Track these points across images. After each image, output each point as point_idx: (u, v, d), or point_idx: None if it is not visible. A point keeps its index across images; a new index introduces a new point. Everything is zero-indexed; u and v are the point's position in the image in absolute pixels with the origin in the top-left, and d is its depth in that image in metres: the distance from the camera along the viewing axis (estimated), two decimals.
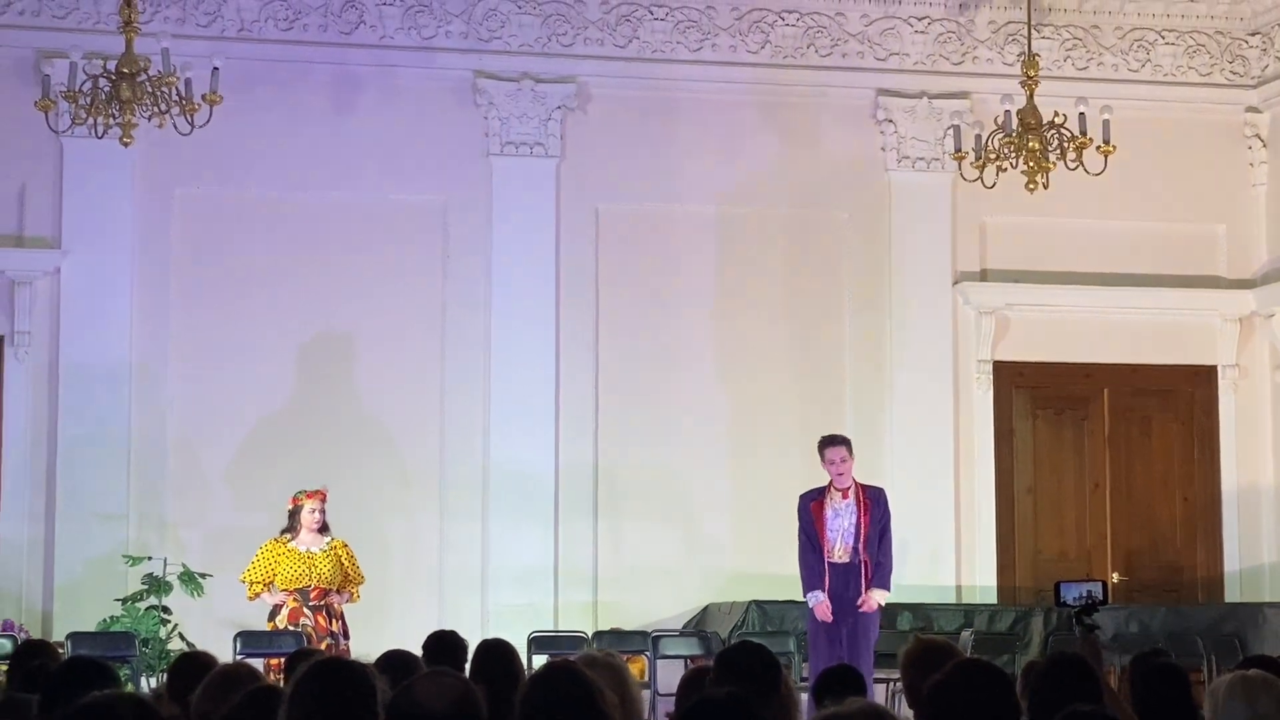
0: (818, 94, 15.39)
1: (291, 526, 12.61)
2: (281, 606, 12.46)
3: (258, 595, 12.56)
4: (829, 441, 12.32)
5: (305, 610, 12.42)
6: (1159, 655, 7.37)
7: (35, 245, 14.37)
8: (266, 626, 12.51)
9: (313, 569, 12.46)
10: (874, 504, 12.18)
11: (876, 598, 12.09)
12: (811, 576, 12.10)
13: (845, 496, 12.15)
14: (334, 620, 12.49)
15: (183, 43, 13.21)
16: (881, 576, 12.09)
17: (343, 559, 12.57)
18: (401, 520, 14.68)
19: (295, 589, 12.44)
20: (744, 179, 15.27)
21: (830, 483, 12.25)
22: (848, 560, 12.08)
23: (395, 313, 14.79)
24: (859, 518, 12.10)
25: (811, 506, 12.21)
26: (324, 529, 12.60)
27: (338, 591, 12.54)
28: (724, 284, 15.22)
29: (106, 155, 13.71)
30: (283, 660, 11.63)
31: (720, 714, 4.87)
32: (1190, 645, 13.39)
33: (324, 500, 12.63)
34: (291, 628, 12.31)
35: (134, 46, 12.17)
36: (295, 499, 12.68)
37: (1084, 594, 9.97)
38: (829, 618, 11.98)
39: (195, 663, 6.65)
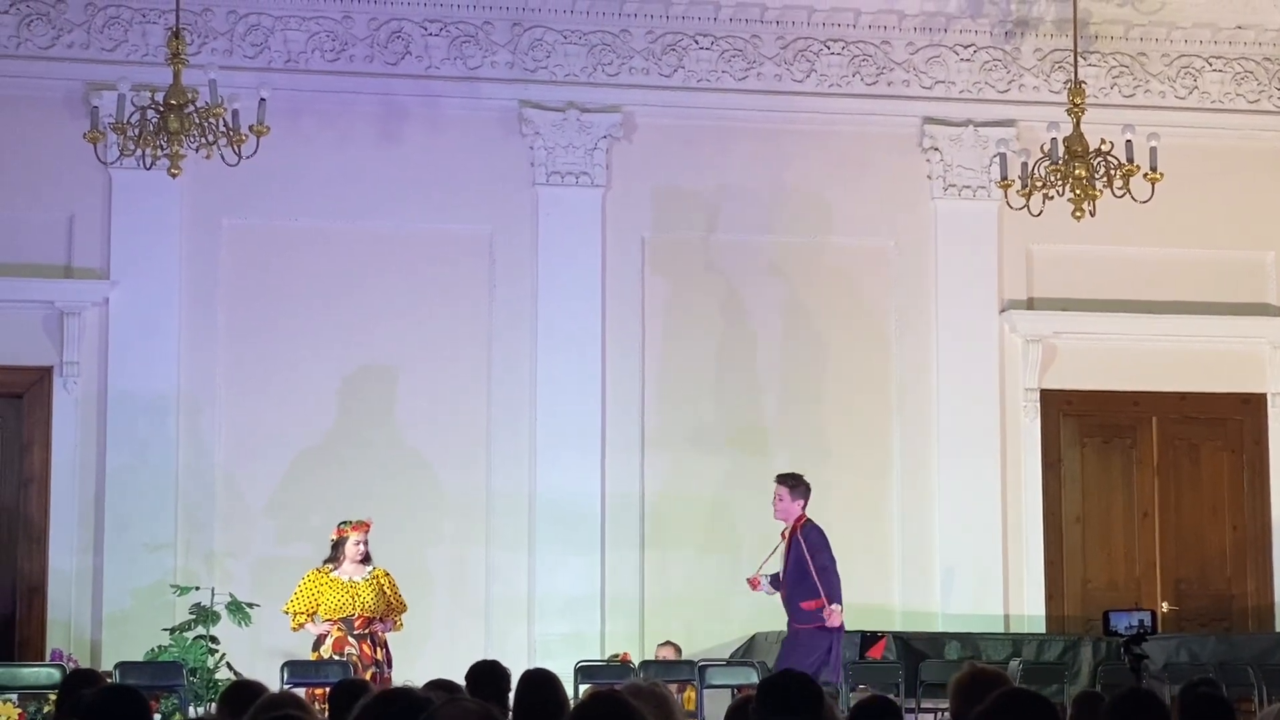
0: (863, 122, 15.38)
1: (334, 557, 12.64)
2: (326, 636, 12.47)
3: (301, 626, 12.58)
4: (776, 480, 12.92)
5: (350, 639, 12.43)
6: (1206, 685, 7.34)
7: (84, 276, 14.45)
8: (311, 656, 12.52)
9: (356, 598, 12.48)
10: (795, 544, 12.63)
11: (838, 612, 12.46)
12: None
13: (783, 537, 12.74)
14: (378, 649, 12.50)
15: (230, 74, 13.28)
16: (831, 595, 12.46)
17: (385, 587, 12.58)
18: (448, 549, 14.69)
19: (339, 618, 12.46)
20: (789, 207, 15.26)
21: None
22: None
23: (441, 342, 14.82)
24: (783, 559, 12.68)
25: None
26: (366, 559, 12.62)
27: (381, 620, 12.55)
28: (770, 312, 15.21)
29: (154, 186, 13.79)
30: (327, 690, 11.70)
31: None
32: (1240, 675, 13.31)
33: (367, 531, 12.66)
34: (337, 657, 12.32)
35: (182, 78, 12.25)
36: (340, 530, 12.71)
37: (1136, 623, 9.90)
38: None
39: (245, 691, 6.69)
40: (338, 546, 12.64)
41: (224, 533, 14.43)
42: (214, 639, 13.24)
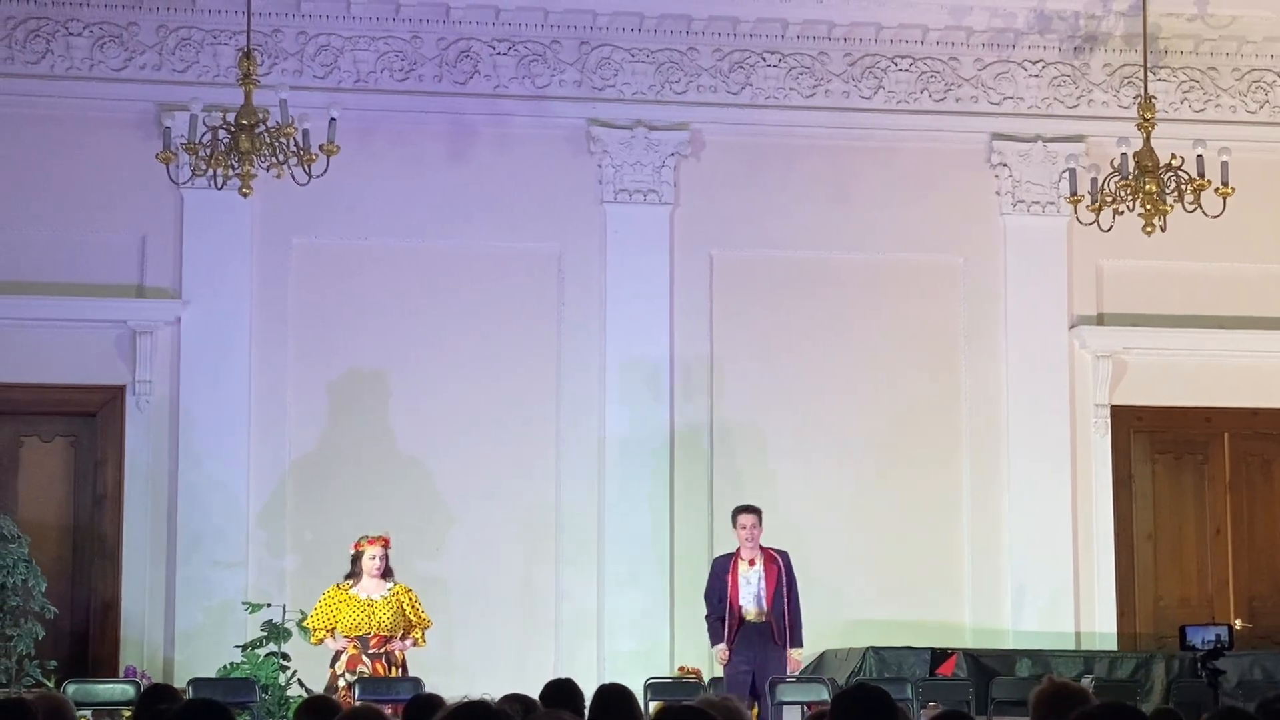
0: (931, 139, 15.36)
1: (354, 572, 12.63)
2: (342, 653, 12.49)
3: (321, 641, 12.59)
4: (742, 509, 13.18)
5: (364, 658, 12.42)
6: None
7: (156, 296, 14.55)
8: (327, 673, 12.53)
9: (372, 617, 12.46)
10: (777, 567, 12.99)
11: (797, 656, 12.97)
12: (715, 634, 13.04)
13: (752, 564, 12.99)
14: (394, 667, 12.47)
15: (300, 94, 13.37)
16: (796, 637, 12.92)
17: (404, 605, 12.54)
18: (519, 566, 14.71)
19: (355, 636, 12.45)
20: (857, 224, 15.25)
21: (739, 548, 13.02)
22: (761, 620, 12.89)
23: (510, 360, 14.85)
24: (765, 582, 12.92)
25: (726, 569, 13.05)
26: (387, 574, 12.59)
27: (400, 638, 12.54)
28: (838, 330, 15.19)
29: (226, 206, 13.87)
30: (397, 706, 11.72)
31: None
32: None
33: (386, 546, 12.64)
34: (350, 675, 12.33)
35: (253, 98, 12.32)
36: (358, 544, 12.70)
37: (1213, 638, 9.80)
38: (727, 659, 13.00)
39: (323, 707, 6.74)
40: (356, 561, 12.64)
41: (295, 550, 14.49)
42: (285, 656, 13.29)
